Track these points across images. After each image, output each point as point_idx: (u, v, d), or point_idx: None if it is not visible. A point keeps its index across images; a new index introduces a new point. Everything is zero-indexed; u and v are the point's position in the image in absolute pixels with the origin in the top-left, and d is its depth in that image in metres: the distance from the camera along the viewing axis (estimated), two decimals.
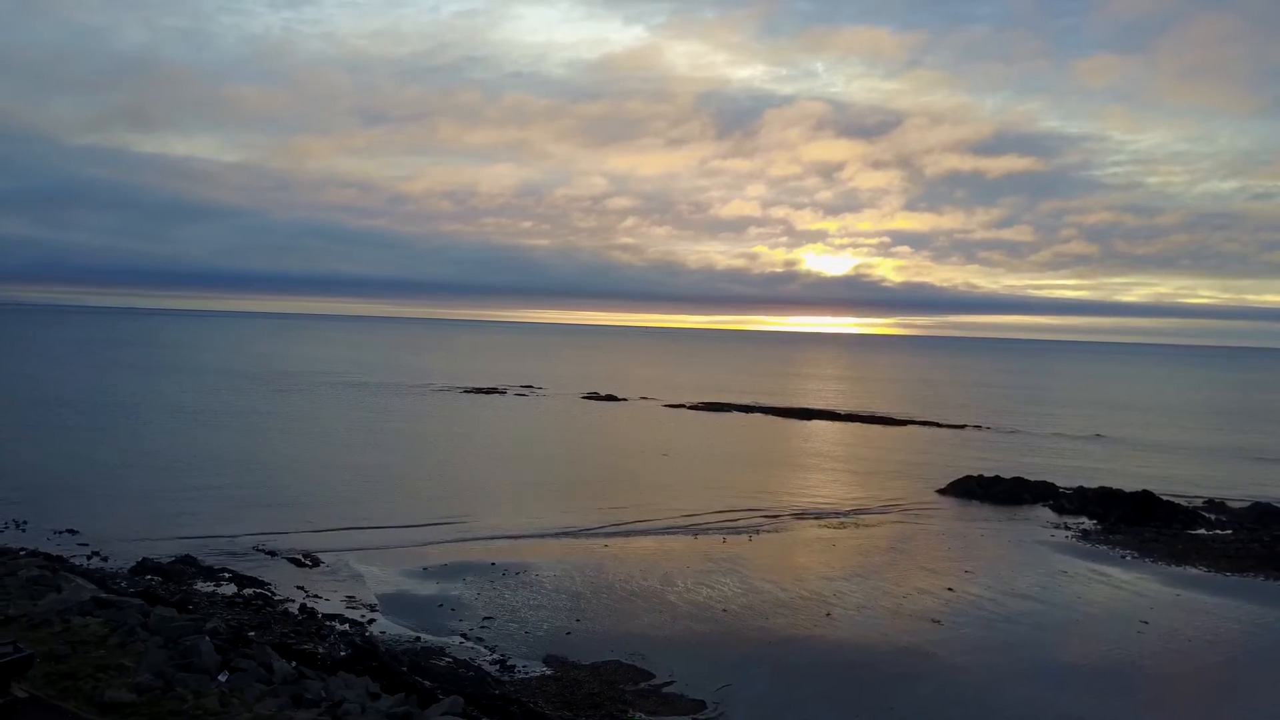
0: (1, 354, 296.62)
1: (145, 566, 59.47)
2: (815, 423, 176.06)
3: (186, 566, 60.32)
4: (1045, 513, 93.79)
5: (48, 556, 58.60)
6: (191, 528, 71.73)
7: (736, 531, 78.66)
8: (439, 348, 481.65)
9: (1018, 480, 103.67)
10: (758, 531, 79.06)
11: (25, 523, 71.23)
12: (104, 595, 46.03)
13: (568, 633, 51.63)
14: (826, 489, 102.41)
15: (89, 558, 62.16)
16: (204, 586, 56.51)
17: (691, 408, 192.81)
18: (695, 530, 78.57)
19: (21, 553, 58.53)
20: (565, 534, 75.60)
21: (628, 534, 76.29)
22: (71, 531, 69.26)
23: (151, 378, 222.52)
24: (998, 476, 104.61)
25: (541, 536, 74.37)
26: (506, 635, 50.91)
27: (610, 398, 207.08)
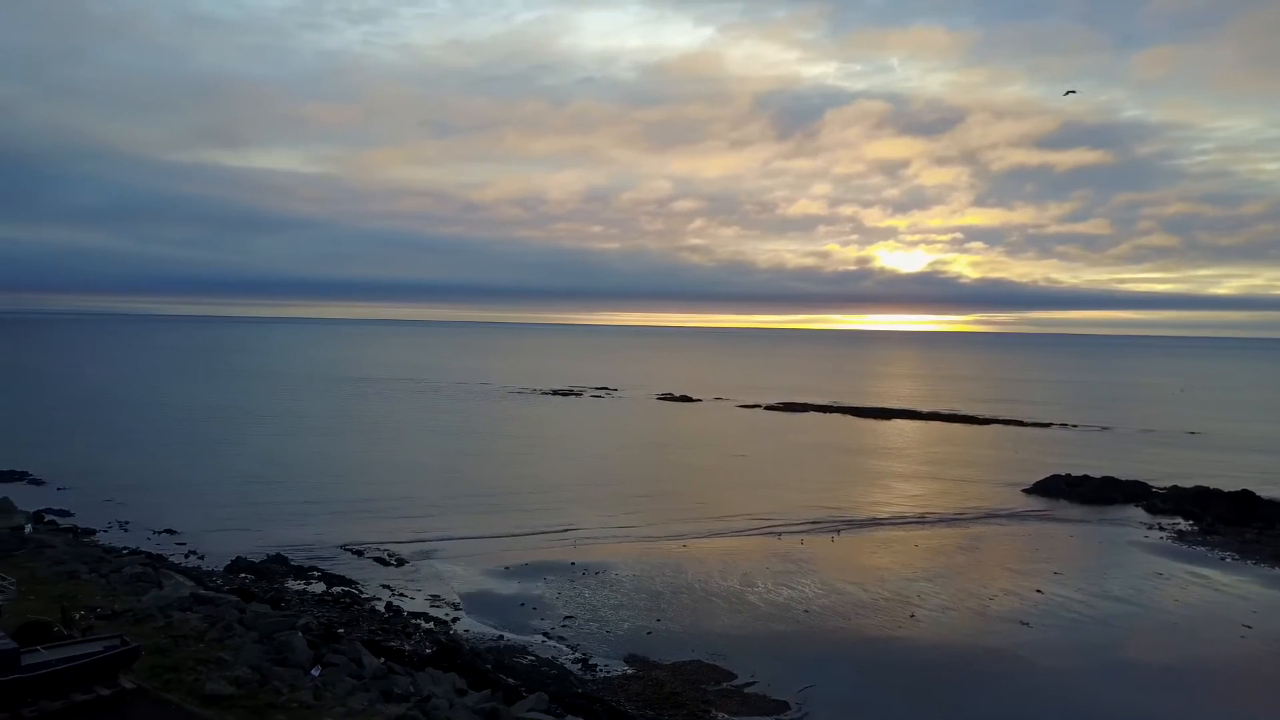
0: (96, 361, 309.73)
1: (239, 565, 61.45)
2: (895, 422, 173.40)
3: (278, 565, 62.13)
4: (1137, 513, 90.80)
5: (149, 555, 61.05)
6: (281, 528, 73.88)
7: (817, 532, 77.92)
8: (514, 351, 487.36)
9: (1108, 479, 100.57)
10: (838, 532, 78.20)
11: (127, 523, 74.27)
12: (202, 592, 47.72)
13: (648, 632, 51.78)
14: (908, 489, 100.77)
15: (187, 556, 64.50)
16: (295, 584, 58.12)
17: (767, 408, 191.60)
18: (774, 531, 78.04)
19: (125, 551, 61.02)
20: (643, 534, 75.81)
21: (706, 534, 76.16)
22: (170, 531, 71.96)
23: (238, 383, 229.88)
24: (1086, 476, 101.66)
25: (620, 537, 74.71)
26: (587, 634, 51.26)
27: (685, 399, 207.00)
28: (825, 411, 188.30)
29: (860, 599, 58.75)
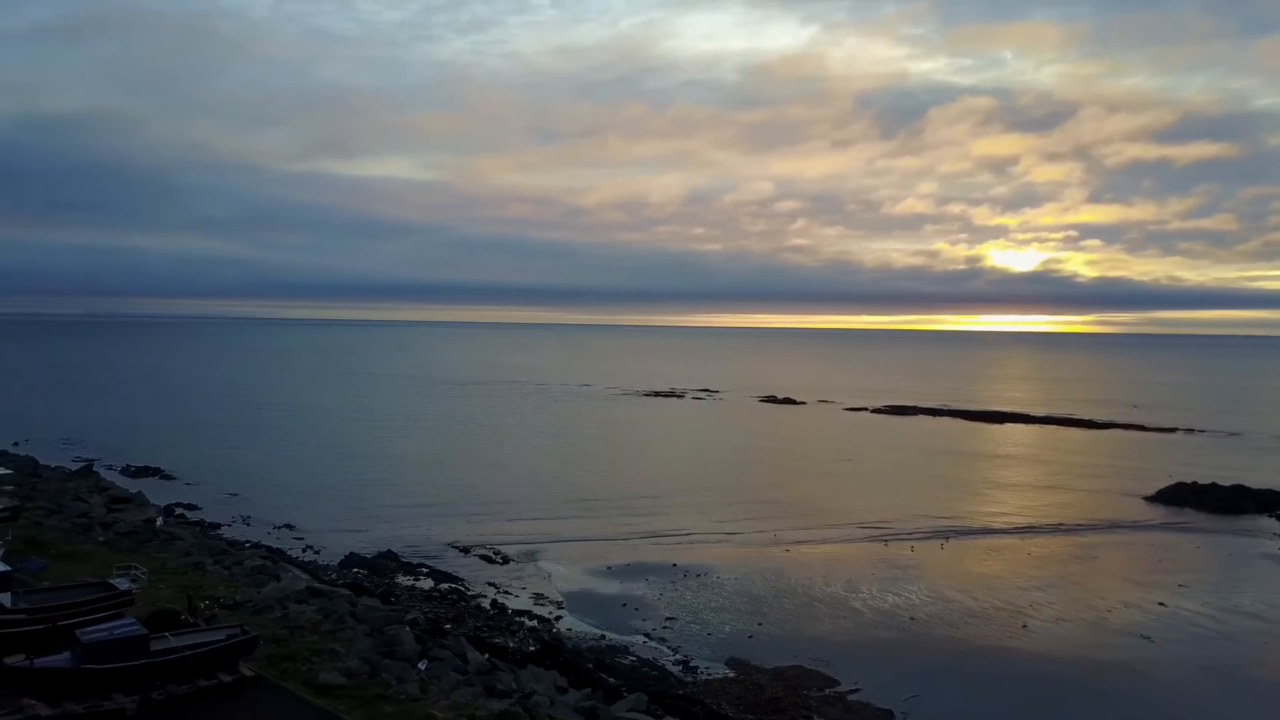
0: (220, 363, 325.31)
1: (352, 560, 63.61)
2: (1007, 426, 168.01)
3: (388, 561, 64.05)
4: (1270, 523, 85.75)
5: (269, 549, 63.84)
6: (392, 525, 76.14)
7: (924, 538, 76.11)
8: (615, 353, 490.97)
9: (1238, 488, 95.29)
10: (947, 539, 76.20)
11: (249, 518, 77.74)
12: (317, 585, 49.58)
13: (750, 636, 51.44)
14: (1020, 496, 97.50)
15: (303, 551, 67.09)
16: (404, 580, 59.80)
17: (874, 411, 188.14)
18: (880, 536, 76.55)
19: (247, 545, 63.96)
20: (745, 538, 75.35)
21: (809, 538, 75.22)
22: (288, 526, 75.01)
23: (351, 385, 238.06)
24: (1214, 484, 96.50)
25: (721, 540, 74.43)
26: (688, 636, 51.24)
27: (788, 401, 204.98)
28: (934, 415, 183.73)
29: (969, 607, 57.11)
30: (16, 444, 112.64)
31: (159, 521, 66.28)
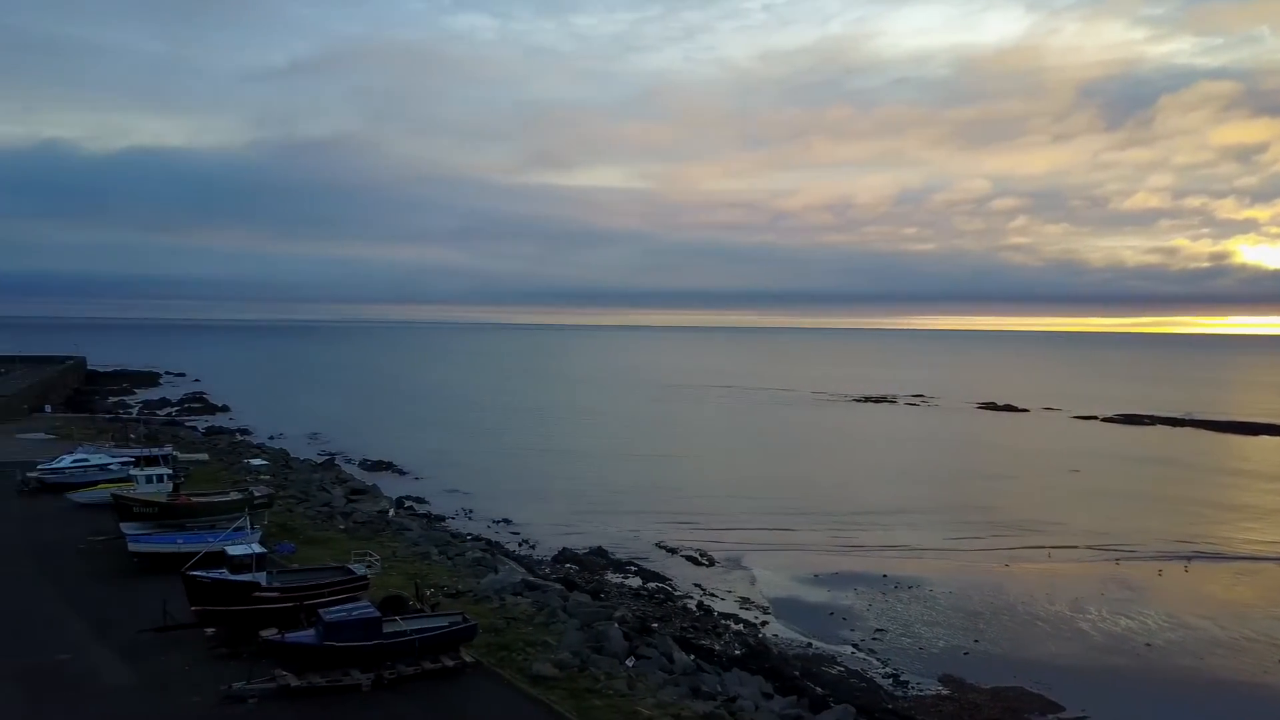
0: (447, 365, 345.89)
1: (565, 556, 65.93)
2: (1262, 439, 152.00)
3: (598, 558, 65.90)
4: None
5: (488, 542, 67.17)
6: (603, 523, 78.31)
7: (1163, 559, 70.12)
8: (825, 356, 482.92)
9: None
10: (1190, 560, 69.87)
11: (471, 511, 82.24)
12: (531, 579, 51.68)
13: (965, 652, 49.19)
14: (1278, 517, 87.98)
15: (519, 545, 70.19)
16: (613, 578, 61.30)
17: (1105, 420, 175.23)
18: (1110, 554, 71.21)
19: (468, 537, 67.55)
20: (961, 550, 72.17)
21: (1030, 553, 71.03)
22: (506, 521, 78.73)
23: (566, 386, 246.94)
24: None
25: (935, 551, 71.61)
26: (899, 649, 49.63)
27: (1009, 408, 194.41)
28: (1175, 425, 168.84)
29: (1215, 636, 52.10)
30: (272, 438, 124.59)
31: (391, 513, 71.14)
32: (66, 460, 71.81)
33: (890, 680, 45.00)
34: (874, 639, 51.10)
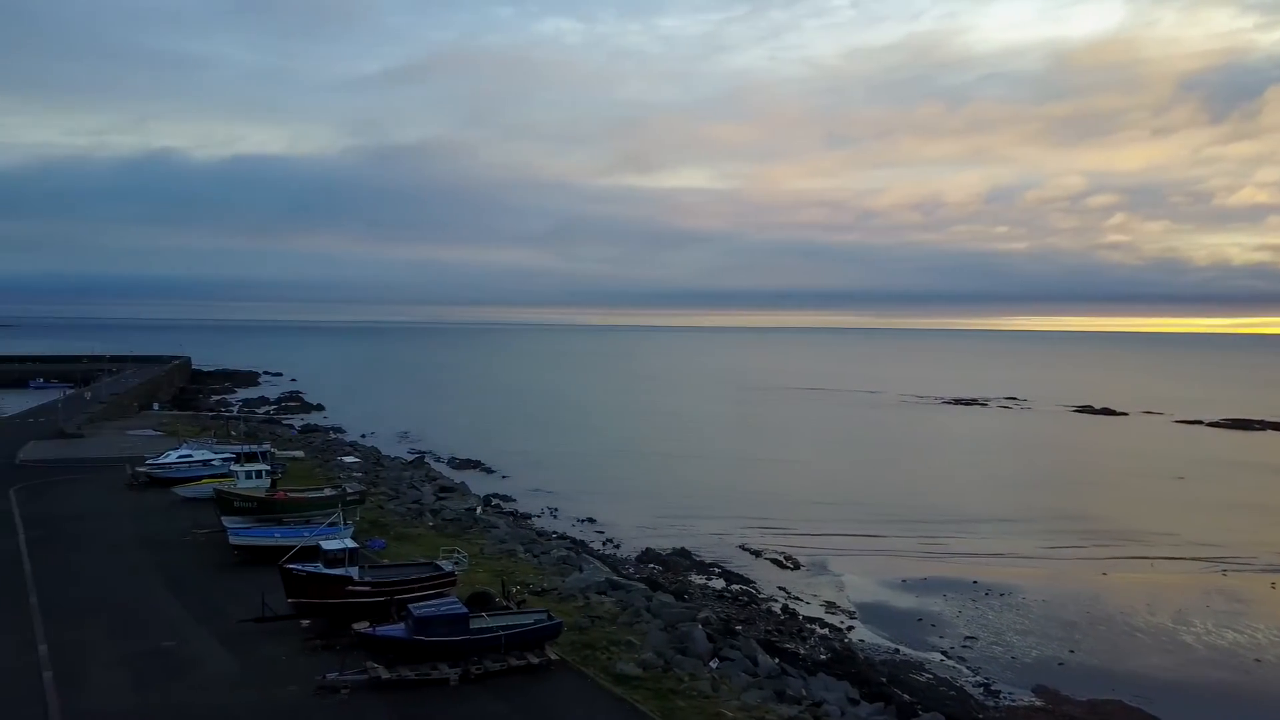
0: (534, 365, 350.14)
1: (648, 556, 66.06)
2: None
3: (682, 559, 65.85)
4: None
5: (573, 540, 67.75)
6: (687, 524, 78.20)
7: (1274, 571, 66.82)
8: (913, 358, 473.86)
9: None
10: None
11: (556, 510, 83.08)
12: (615, 578, 51.87)
13: (1060, 663, 47.69)
14: None
15: (603, 544, 70.60)
16: (697, 579, 61.16)
17: (1211, 425, 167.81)
18: (1217, 565, 68.18)
19: (553, 536, 68.28)
20: (1056, 557, 70.00)
21: (1130, 562, 68.49)
22: (590, 520, 79.30)
23: (650, 387, 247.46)
24: None
25: (1028, 557, 69.59)
26: (990, 658, 48.37)
27: (1107, 411, 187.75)
28: None
29: None
30: (364, 436, 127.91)
31: (478, 510, 72.26)
32: (172, 456, 75.02)
33: (981, 689, 43.91)
34: (964, 646, 49.93)
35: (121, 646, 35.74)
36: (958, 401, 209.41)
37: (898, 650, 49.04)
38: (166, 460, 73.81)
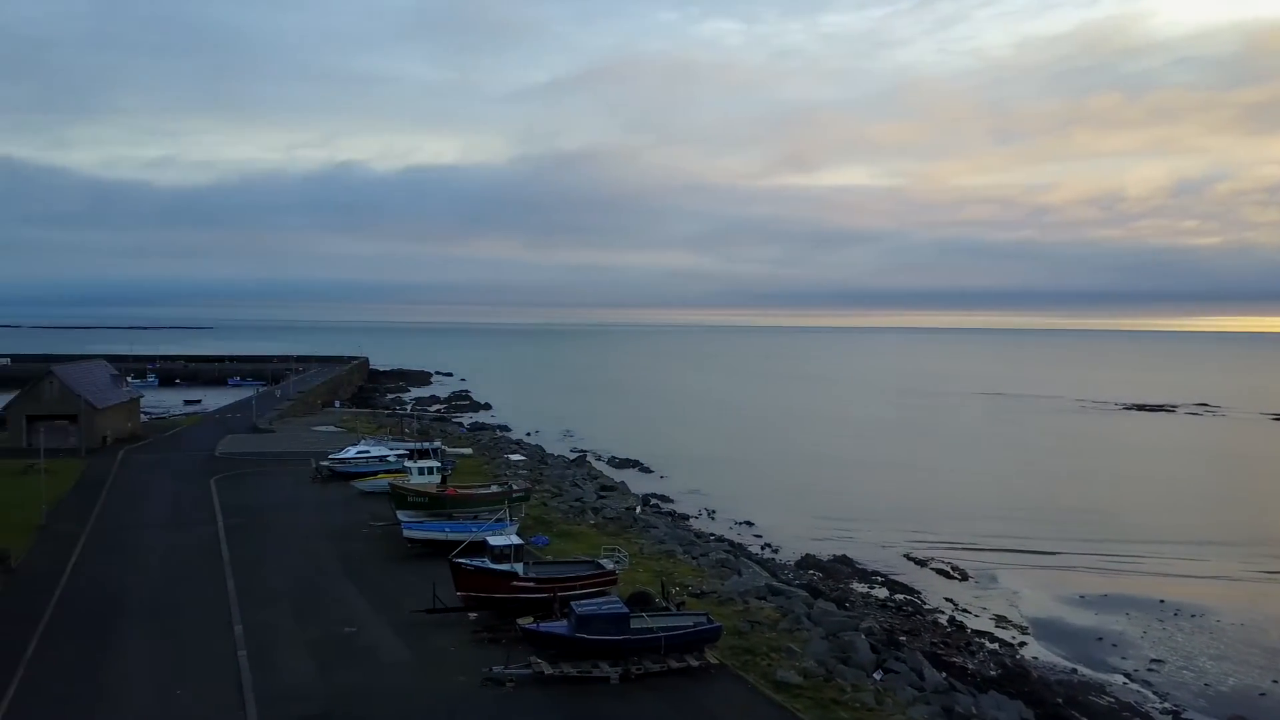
0: (695, 367, 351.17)
1: (808, 562, 65.00)
2: None
3: (843, 566, 64.51)
4: None
5: (731, 543, 67.49)
6: (848, 530, 76.57)
7: None
8: (1092, 361, 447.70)
9: None
10: None
11: (714, 512, 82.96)
12: (775, 584, 51.29)
13: (1261, 693, 43.91)
14: None
15: (762, 548, 69.96)
16: (859, 587, 59.75)
17: None
18: None
19: (712, 538, 68.20)
20: (1257, 577, 64.57)
21: None
22: (748, 523, 78.78)
23: (813, 390, 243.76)
24: None
25: (1222, 577, 64.53)
26: (1179, 683, 45.07)
27: None
28: None
29: None
30: (529, 434, 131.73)
31: (638, 510, 73.09)
32: (351, 451, 79.43)
33: (1169, 716, 41.02)
34: (1150, 669, 46.73)
35: (306, 630, 38.05)
36: (1142, 408, 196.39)
37: (1075, 670, 46.41)
38: (346, 455, 78.18)
